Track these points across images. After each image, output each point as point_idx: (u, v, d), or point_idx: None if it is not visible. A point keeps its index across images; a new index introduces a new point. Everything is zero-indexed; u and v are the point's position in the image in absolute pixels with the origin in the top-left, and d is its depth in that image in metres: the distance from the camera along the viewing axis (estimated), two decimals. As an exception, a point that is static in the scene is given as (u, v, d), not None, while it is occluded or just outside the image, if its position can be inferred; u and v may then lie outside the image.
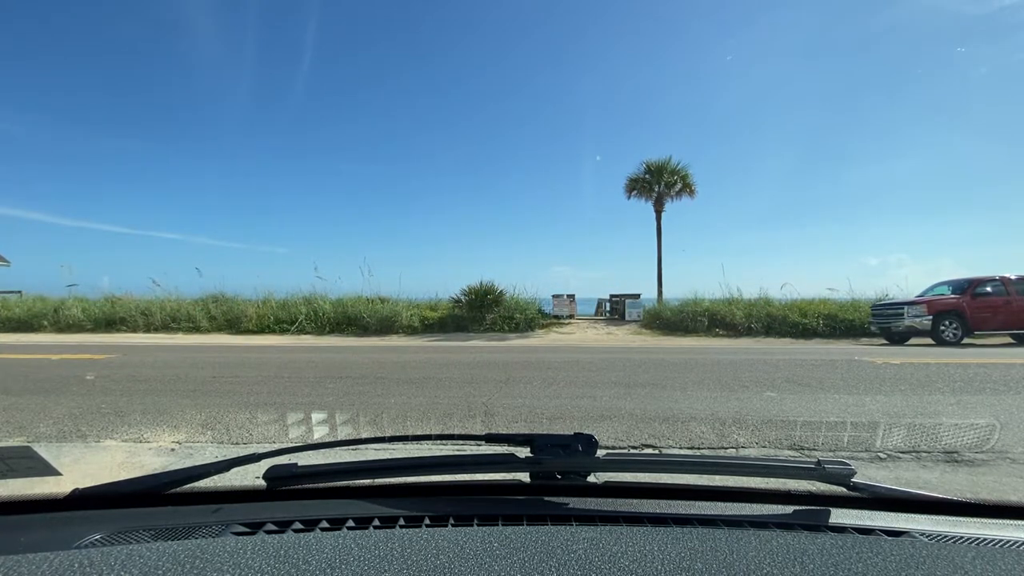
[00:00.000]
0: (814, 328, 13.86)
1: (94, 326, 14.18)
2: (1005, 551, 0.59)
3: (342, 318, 14.42)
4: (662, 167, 18.36)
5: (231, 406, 4.09)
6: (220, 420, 3.62)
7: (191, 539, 0.63)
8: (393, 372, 6.09)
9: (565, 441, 0.81)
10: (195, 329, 14.05)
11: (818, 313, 14.24)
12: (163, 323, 14.19)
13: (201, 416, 3.75)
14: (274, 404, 4.22)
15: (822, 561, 0.52)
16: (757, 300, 15.36)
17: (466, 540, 0.55)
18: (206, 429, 3.42)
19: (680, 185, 18.27)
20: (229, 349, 9.37)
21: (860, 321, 13.82)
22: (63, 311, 14.40)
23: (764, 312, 14.54)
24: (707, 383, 5.13)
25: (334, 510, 0.74)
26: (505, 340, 12.76)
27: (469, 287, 15.33)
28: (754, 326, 14.18)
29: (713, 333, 14.11)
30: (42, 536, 0.65)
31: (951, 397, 4.38)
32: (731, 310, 14.64)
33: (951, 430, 3.28)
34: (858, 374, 5.77)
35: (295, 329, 13.90)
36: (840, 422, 3.52)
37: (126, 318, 14.22)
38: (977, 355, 8.12)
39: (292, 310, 14.49)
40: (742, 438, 3.16)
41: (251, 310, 14.52)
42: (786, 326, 14.12)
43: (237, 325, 14.25)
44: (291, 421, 3.67)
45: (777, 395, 4.50)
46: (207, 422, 3.58)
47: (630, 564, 0.51)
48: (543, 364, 6.79)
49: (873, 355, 8.05)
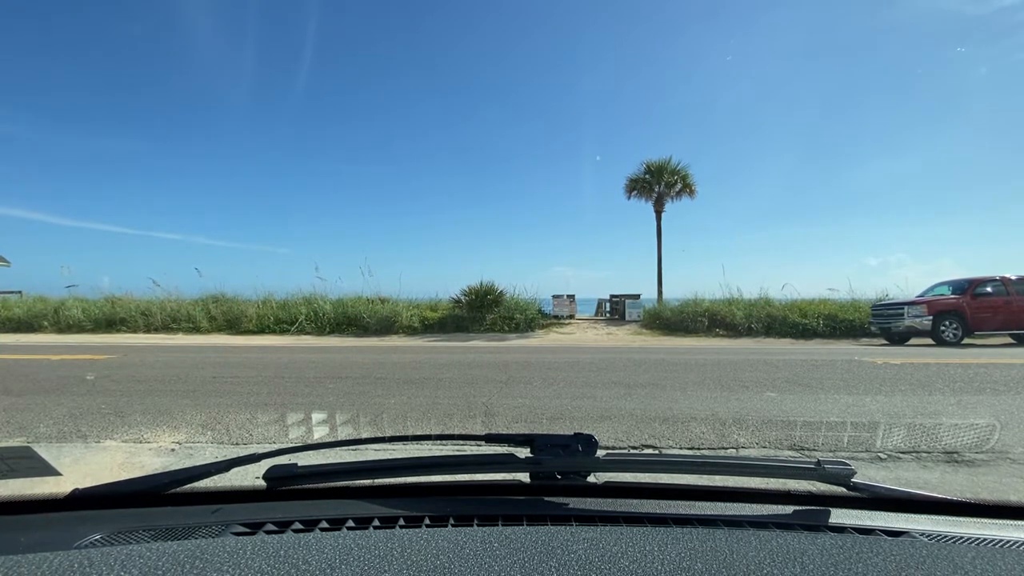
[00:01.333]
0: (814, 328, 13.85)
1: (94, 326, 14.19)
2: (1005, 551, 0.59)
3: (342, 318, 14.42)
4: (662, 167, 18.36)
5: (231, 406, 4.08)
6: (220, 420, 3.61)
7: (191, 539, 0.63)
8: (393, 372, 6.08)
9: (565, 441, 0.81)
10: (195, 329, 14.05)
11: (818, 313, 14.23)
12: (163, 323, 14.19)
13: (201, 416, 3.74)
14: (274, 404, 4.21)
15: (822, 561, 0.52)
16: (757, 300, 15.36)
17: (466, 540, 0.55)
18: (206, 429, 3.41)
19: (680, 185, 18.26)
20: (229, 349, 9.37)
21: (860, 321, 13.81)
22: (63, 311, 14.40)
23: (764, 312, 14.54)
24: (707, 383, 5.13)
25: (334, 510, 0.74)
26: (505, 340, 12.75)
27: (469, 287, 15.33)
28: (754, 326, 14.18)
29: (713, 333, 14.11)
30: (42, 536, 0.65)
31: (951, 397, 4.37)
32: (731, 310, 14.64)
33: (951, 430, 3.28)
34: (859, 374, 5.76)
35: (295, 329, 13.90)
36: (840, 422, 3.52)
37: (126, 319, 14.22)
38: (977, 355, 8.11)
39: (292, 310, 14.49)
40: (742, 438, 3.15)
41: (251, 310, 14.52)
42: (786, 326, 14.12)
43: (237, 325, 14.25)
44: (291, 421, 3.67)
45: (777, 395, 4.50)
46: (207, 422, 3.58)
47: (630, 564, 0.51)
48: (543, 364, 6.79)
49: (873, 355, 8.04)
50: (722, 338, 13.62)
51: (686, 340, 13.09)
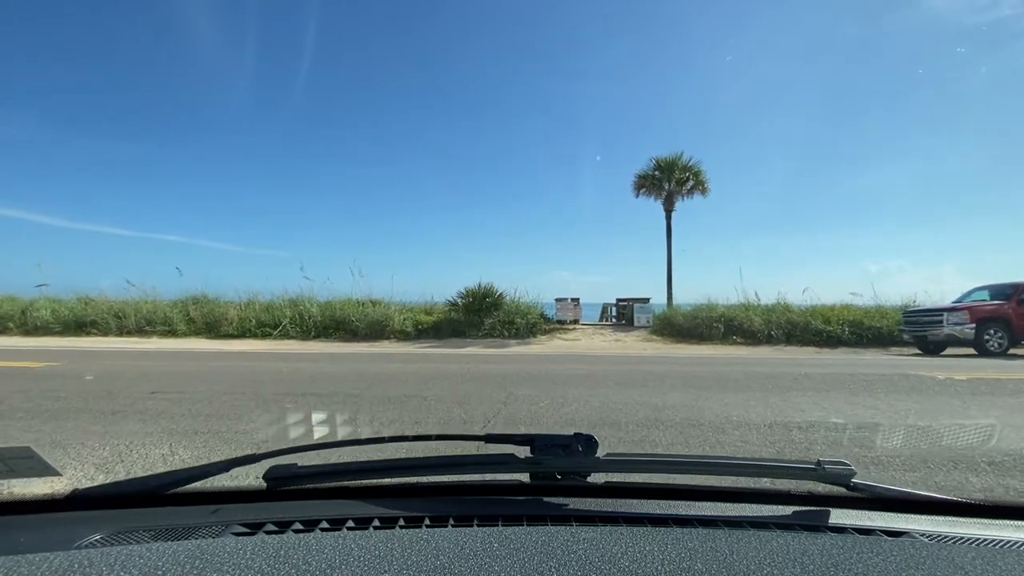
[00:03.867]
0: (839, 336, 12.81)
1: (63, 329, 13.18)
2: (1005, 551, 0.60)
3: (330, 322, 13.41)
4: (673, 163, 17.28)
5: (152, 435, 3.18)
6: (126, 458, 2.72)
7: (191, 539, 0.64)
8: (371, 387, 5.11)
9: (565, 441, 0.81)
10: (171, 333, 13.05)
11: (842, 320, 13.19)
12: (137, 326, 13.18)
13: (105, 451, 2.86)
14: (207, 433, 3.28)
15: (822, 561, 0.52)
16: (775, 306, 14.32)
17: (466, 540, 0.55)
18: (100, 471, 2.54)
19: (692, 182, 17.19)
20: (195, 356, 8.39)
21: (888, 328, 12.79)
22: (32, 312, 13.40)
23: (784, 318, 13.49)
24: (754, 406, 4.14)
25: (334, 510, 0.75)
26: (505, 347, 11.76)
27: (467, 289, 14.36)
28: (774, 333, 13.14)
29: (730, 341, 13.07)
30: (42, 536, 0.66)
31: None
32: (748, 316, 13.59)
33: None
34: (939, 397, 4.77)
35: (278, 334, 12.88)
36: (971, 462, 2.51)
37: (97, 321, 13.21)
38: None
39: (276, 313, 13.47)
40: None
41: (232, 312, 13.51)
42: (808, 333, 13.08)
43: (216, 329, 13.24)
44: (217, 458, 2.70)
45: (851, 426, 3.51)
46: (107, 461, 2.69)
47: (630, 565, 0.50)
48: (549, 378, 5.79)
49: (925, 368, 7.07)
50: (740, 346, 12.59)
51: (702, 348, 12.05)
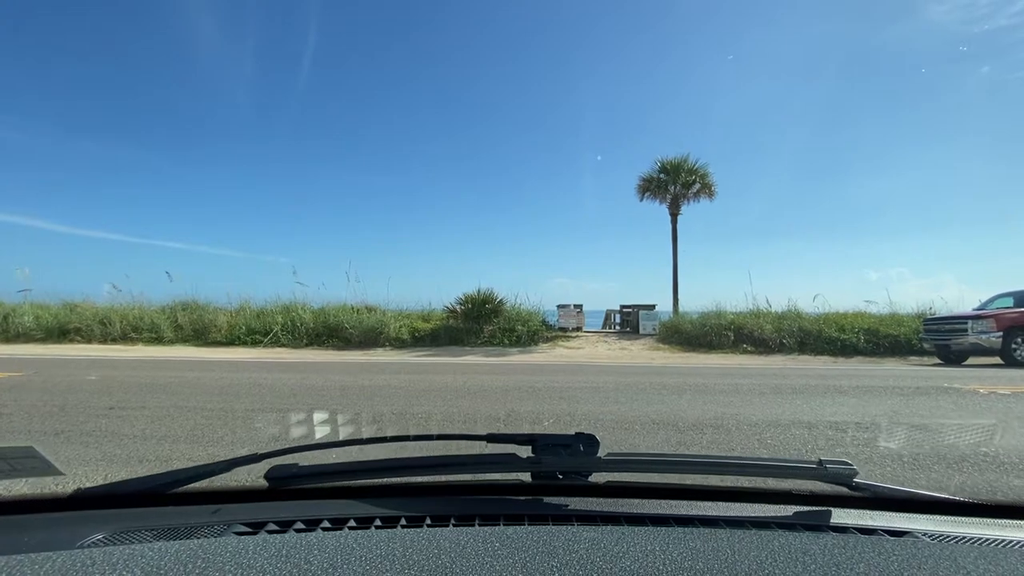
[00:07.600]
0: (854, 344, 12.25)
1: (45, 335, 12.64)
2: (1007, 551, 0.60)
3: (323, 329, 12.86)
4: (679, 165, 16.80)
5: (88, 463, 2.72)
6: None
7: (193, 539, 0.63)
8: (355, 403, 4.58)
9: (567, 441, 0.82)
10: (157, 340, 12.51)
11: (857, 328, 12.63)
12: (122, 333, 12.64)
13: (22, 486, 2.27)
14: (153, 461, 2.81)
15: (824, 561, 0.51)
16: (787, 313, 13.76)
17: (467, 540, 0.55)
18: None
19: (699, 185, 16.68)
20: (175, 365, 7.85)
21: (905, 336, 12.25)
22: (14, 319, 12.88)
23: (796, 326, 12.94)
24: (786, 424, 3.61)
25: (335, 510, 0.75)
26: (505, 356, 11.21)
27: (466, 295, 13.83)
28: (786, 341, 12.59)
29: (740, 349, 12.50)
30: (45, 536, 0.66)
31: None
32: (759, 323, 13.04)
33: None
34: (986, 412, 4.23)
35: (268, 341, 12.33)
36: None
37: (81, 327, 12.68)
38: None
39: (267, 320, 12.94)
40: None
41: (222, 319, 12.98)
42: (821, 342, 12.52)
43: (205, 336, 12.70)
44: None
45: (908, 452, 2.98)
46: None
47: (632, 564, 0.50)
48: (554, 391, 5.25)
49: (953, 379, 6.53)
50: (751, 355, 12.03)
51: (712, 357, 11.49)
